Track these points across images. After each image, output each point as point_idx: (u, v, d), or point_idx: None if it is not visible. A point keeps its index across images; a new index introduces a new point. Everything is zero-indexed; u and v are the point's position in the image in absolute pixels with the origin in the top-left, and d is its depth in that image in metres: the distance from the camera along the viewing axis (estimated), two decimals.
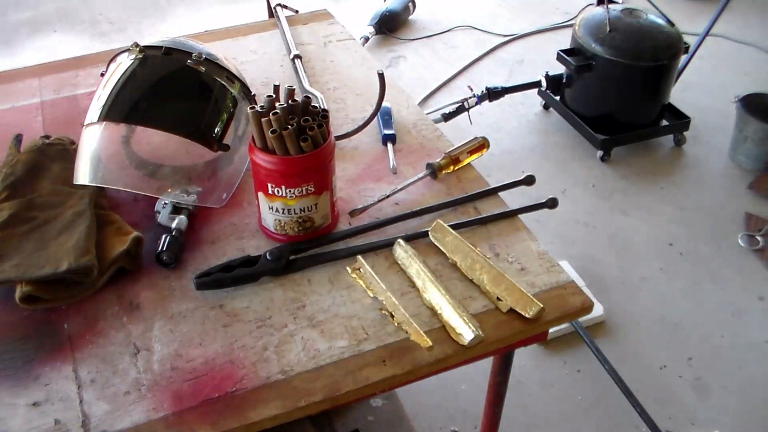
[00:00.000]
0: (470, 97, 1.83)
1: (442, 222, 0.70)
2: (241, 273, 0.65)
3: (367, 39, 2.42)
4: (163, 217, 0.70)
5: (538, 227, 1.54)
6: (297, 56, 0.98)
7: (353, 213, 0.73)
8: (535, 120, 2.07)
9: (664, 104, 1.95)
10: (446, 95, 2.15)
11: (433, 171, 0.79)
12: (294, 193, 0.66)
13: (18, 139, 0.76)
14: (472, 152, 0.81)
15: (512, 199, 0.77)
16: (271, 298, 0.65)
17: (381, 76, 0.78)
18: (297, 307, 0.64)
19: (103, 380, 0.56)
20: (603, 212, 1.74)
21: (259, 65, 1.00)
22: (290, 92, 0.66)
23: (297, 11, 1.12)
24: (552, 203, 0.76)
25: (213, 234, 0.72)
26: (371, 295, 0.64)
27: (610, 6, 1.87)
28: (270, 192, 0.66)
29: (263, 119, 0.63)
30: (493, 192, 0.78)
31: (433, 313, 0.62)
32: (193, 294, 0.65)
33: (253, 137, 0.66)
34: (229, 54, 0.84)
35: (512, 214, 0.75)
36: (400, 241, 0.69)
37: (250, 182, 0.72)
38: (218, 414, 0.53)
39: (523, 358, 1.36)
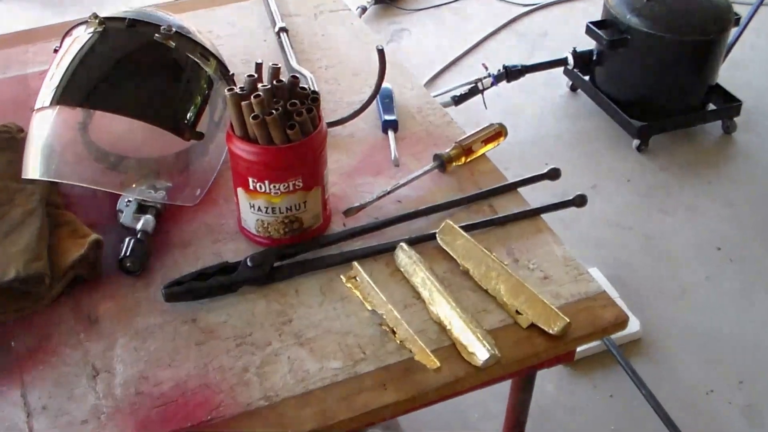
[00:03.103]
0: (485, 77, 1.83)
1: (451, 222, 0.70)
2: (217, 282, 0.65)
3: (364, 9, 2.42)
4: (126, 217, 0.70)
5: (564, 229, 1.53)
6: (282, 29, 0.98)
7: (348, 212, 0.73)
8: (560, 104, 2.07)
9: (710, 85, 1.94)
10: (457, 75, 2.14)
11: (442, 163, 0.79)
12: (279, 188, 0.66)
13: None
14: (487, 141, 0.81)
15: (534, 196, 0.76)
16: (252, 312, 0.65)
17: (381, 52, 0.78)
18: (283, 321, 0.64)
19: (56, 407, 0.56)
20: (639, 211, 1.74)
21: (239, 40, 1.00)
22: (275, 71, 0.66)
23: None
24: (580, 201, 0.76)
25: (185, 236, 0.72)
26: (369, 307, 0.64)
27: None
28: (251, 188, 0.67)
29: (243, 103, 0.63)
30: (512, 187, 0.78)
31: (442, 328, 0.62)
32: (161, 306, 0.65)
33: (231, 124, 0.66)
34: (203, 27, 0.85)
35: (534, 213, 0.75)
36: (403, 244, 0.69)
37: (228, 176, 0.72)
38: None
39: (547, 381, 1.36)
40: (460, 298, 0.65)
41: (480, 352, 0.59)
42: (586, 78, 2.01)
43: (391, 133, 0.84)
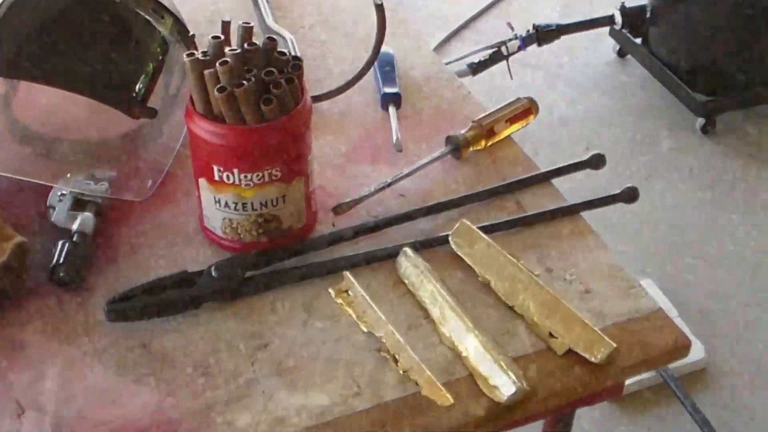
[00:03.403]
0: (510, 40, 1.82)
1: (468, 222, 0.70)
2: (174, 297, 0.65)
3: None
4: (59, 215, 0.70)
5: (610, 230, 1.51)
6: None
7: (339, 209, 0.73)
8: (605, 73, 2.06)
9: None
10: (475, 36, 2.15)
11: (456, 147, 0.79)
12: (251, 179, 0.66)
13: None
14: (512, 120, 0.82)
15: (571, 190, 0.77)
16: (218, 334, 0.65)
17: (379, 7, 0.78)
18: (257, 346, 0.63)
19: None
20: (704, 209, 1.74)
21: None
22: (246, 32, 0.66)
23: None
24: (630, 195, 0.77)
25: (133, 240, 0.72)
26: (365, 329, 0.65)
27: None
28: (216, 178, 0.67)
29: (206, 71, 0.63)
30: (544, 178, 0.78)
31: (456, 355, 0.63)
32: (104, 328, 0.64)
33: (191, 98, 0.66)
34: None
35: (572, 210, 0.75)
36: (407, 250, 0.68)
37: (187, 164, 0.72)
38: None
39: (588, 420, 1.36)
40: (479, 317, 0.65)
41: (504, 385, 0.59)
42: (638, 41, 2.00)
43: (392, 110, 0.84)
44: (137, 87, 0.72)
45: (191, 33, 0.78)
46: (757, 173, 1.84)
